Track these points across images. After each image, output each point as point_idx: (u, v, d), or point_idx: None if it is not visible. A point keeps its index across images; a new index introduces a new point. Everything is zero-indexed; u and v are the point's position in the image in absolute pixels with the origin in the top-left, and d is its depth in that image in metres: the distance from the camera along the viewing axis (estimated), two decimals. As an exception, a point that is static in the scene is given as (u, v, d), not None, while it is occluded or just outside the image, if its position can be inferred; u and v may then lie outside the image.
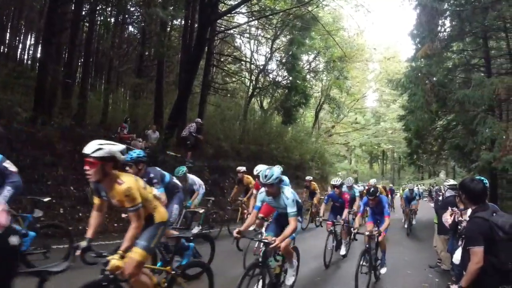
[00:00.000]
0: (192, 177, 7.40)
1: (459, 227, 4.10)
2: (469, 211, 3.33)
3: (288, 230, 4.04)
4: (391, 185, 24.27)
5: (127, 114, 14.47)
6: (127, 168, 4.31)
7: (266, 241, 3.93)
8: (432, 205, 8.65)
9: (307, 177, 12.87)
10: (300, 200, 4.46)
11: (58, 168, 8.60)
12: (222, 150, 15.36)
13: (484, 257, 2.58)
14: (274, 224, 4.71)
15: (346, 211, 7.35)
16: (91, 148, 2.76)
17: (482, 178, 3.18)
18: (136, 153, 4.73)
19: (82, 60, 16.53)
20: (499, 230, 2.59)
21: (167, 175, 5.45)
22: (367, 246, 5.29)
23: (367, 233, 5.49)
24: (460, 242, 3.67)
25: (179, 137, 13.27)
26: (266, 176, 4.02)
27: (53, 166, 8.55)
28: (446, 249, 5.67)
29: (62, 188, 8.39)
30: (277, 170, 4.10)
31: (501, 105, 14.54)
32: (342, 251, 7.39)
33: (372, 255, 5.32)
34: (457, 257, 3.55)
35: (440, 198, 7.44)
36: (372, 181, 13.47)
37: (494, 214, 2.72)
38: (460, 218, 4.20)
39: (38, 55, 14.75)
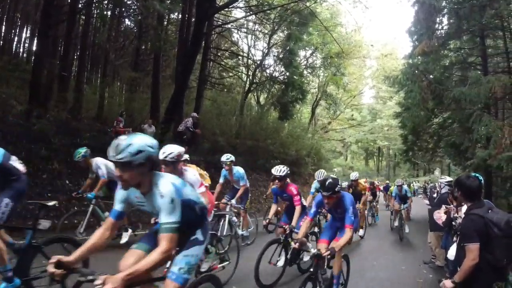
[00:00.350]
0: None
1: (454, 223, 4.13)
2: (464, 208, 3.36)
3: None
4: (387, 181, 24.29)
5: (123, 108, 14.40)
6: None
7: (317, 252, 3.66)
8: (427, 202, 8.68)
9: (353, 174, 10.37)
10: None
11: (53, 161, 8.55)
12: (218, 145, 15.34)
13: (479, 254, 2.60)
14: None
15: (298, 210, 5.23)
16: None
17: (478, 175, 3.20)
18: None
19: (78, 53, 16.41)
20: (495, 227, 2.61)
21: None
22: (311, 270, 3.87)
23: (313, 251, 3.76)
24: (454, 239, 3.70)
25: (175, 132, 13.23)
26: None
27: (48, 159, 8.51)
28: (440, 246, 5.71)
29: (57, 182, 8.36)
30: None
31: (497, 104, 14.62)
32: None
33: (323, 282, 3.85)
34: (451, 253, 3.58)
35: (435, 195, 7.49)
36: (353, 175, 10.25)
37: (490, 211, 2.74)
38: (455, 215, 4.23)
39: (34, 48, 14.63)
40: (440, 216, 4.95)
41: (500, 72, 14.10)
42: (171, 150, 3.69)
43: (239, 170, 6.92)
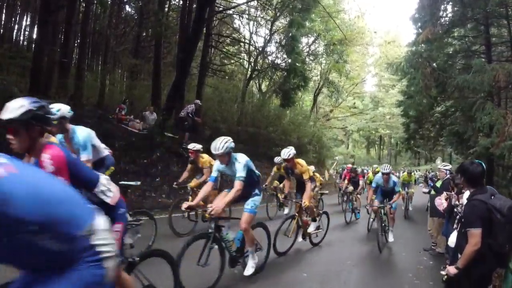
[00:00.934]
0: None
1: (455, 210, 4.13)
2: (465, 195, 3.36)
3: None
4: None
5: (125, 95, 14.36)
6: None
7: None
8: (425, 190, 8.68)
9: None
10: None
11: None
12: (219, 132, 15.29)
13: (481, 239, 2.60)
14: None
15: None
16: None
17: (480, 161, 3.18)
18: None
19: (78, 40, 16.27)
20: (497, 213, 2.61)
21: None
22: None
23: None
24: (455, 226, 3.71)
25: (177, 119, 13.21)
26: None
27: (50, 146, 8.49)
28: (441, 233, 5.74)
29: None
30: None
31: (500, 93, 14.54)
32: None
33: None
34: (452, 240, 3.59)
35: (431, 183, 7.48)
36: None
37: (492, 197, 2.74)
38: (455, 202, 4.24)
39: (34, 35, 14.51)
40: (441, 202, 4.97)
41: (504, 61, 14.00)
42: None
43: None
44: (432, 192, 6.75)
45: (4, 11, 16.45)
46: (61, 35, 13.71)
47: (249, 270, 4.36)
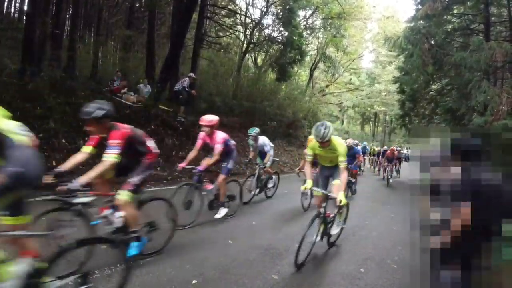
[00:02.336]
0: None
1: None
2: (454, 169, 3.40)
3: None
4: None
5: (118, 68, 14.18)
6: None
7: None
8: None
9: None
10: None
11: (49, 120, 8.49)
12: (214, 106, 15.26)
13: (470, 213, 2.66)
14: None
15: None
16: None
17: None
18: None
19: (70, 11, 15.83)
20: (487, 187, 2.66)
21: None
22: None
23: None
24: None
25: (171, 91, 13.10)
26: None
27: (44, 118, 8.43)
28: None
29: (54, 141, 8.35)
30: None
31: (496, 73, 14.53)
32: None
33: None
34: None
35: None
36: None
37: (482, 172, 2.78)
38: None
39: (25, 7, 14.11)
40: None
41: (502, 41, 13.95)
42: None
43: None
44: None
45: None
46: (53, 6, 13.34)
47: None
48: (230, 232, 5.32)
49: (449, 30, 15.62)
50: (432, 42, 14.37)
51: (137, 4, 18.81)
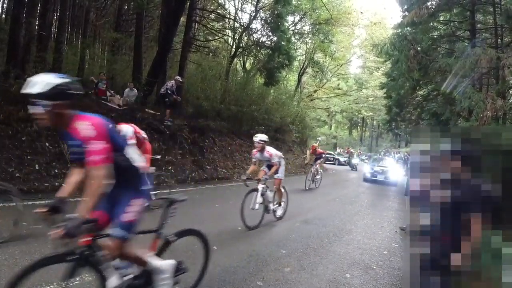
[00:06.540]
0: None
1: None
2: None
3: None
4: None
5: (103, 71, 14.04)
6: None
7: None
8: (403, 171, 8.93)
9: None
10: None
11: (32, 123, 8.33)
12: (202, 110, 15.19)
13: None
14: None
15: None
16: None
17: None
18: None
19: (57, 13, 15.62)
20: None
21: None
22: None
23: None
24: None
25: (158, 95, 13.00)
26: None
27: (27, 121, 8.27)
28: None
29: (37, 144, 8.19)
30: None
31: (482, 79, 14.81)
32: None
33: None
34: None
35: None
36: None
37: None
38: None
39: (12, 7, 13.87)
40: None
41: (488, 47, 14.23)
42: None
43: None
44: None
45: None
46: (39, 7, 13.13)
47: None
48: (216, 238, 5.25)
49: (435, 36, 15.88)
50: (419, 48, 14.58)
51: (125, 7, 18.66)
